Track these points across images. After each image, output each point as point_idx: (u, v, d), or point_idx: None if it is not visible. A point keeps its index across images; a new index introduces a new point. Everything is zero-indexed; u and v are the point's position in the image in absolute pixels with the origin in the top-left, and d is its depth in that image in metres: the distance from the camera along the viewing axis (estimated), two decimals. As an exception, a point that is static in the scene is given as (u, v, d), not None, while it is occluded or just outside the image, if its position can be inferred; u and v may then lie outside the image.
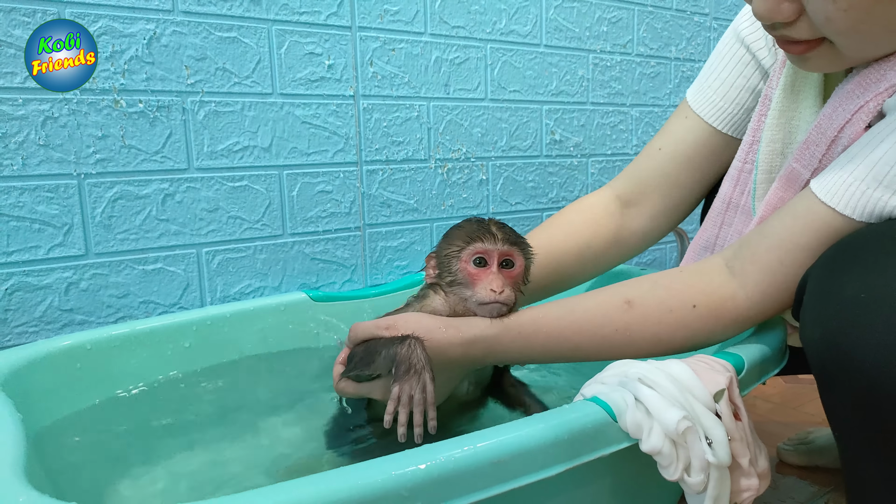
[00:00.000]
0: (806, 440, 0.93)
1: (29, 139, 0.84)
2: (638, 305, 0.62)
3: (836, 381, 0.51)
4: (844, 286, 0.49)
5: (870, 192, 0.53)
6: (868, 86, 0.58)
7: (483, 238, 0.66)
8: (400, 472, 0.43)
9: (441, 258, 0.68)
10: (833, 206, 0.55)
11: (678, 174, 0.80)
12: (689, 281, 0.63)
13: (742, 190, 0.74)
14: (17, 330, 0.86)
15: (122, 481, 0.63)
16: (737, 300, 0.61)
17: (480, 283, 0.65)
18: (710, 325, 0.62)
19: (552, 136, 1.34)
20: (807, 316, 0.54)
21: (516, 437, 0.48)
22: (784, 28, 0.57)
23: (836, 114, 0.60)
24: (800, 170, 0.64)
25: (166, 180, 0.94)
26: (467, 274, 0.66)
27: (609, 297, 0.64)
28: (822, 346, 0.51)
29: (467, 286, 0.66)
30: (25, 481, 0.45)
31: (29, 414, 0.60)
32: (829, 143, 0.61)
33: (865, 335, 0.46)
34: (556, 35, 1.31)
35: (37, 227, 0.86)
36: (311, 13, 1.02)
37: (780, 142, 0.69)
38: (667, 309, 0.62)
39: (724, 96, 0.77)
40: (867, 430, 0.49)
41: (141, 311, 0.94)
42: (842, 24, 0.53)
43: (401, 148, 1.14)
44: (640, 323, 0.62)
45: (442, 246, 0.69)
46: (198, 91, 0.95)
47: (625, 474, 0.56)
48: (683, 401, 0.52)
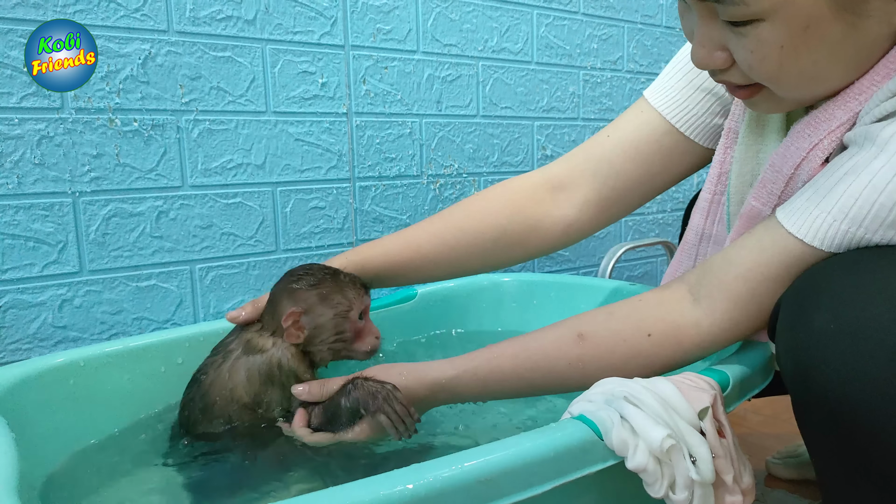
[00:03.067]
0: (795, 453, 0.94)
1: (24, 158, 0.85)
2: (590, 337, 0.62)
3: (810, 411, 0.51)
4: (813, 317, 0.50)
5: (837, 225, 0.53)
6: (818, 125, 0.59)
7: (360, 292, 0.71)
8: (388, 492, 0.44)
9: (318, 317, 0.69)
10: (801, 238, 0.55)
11: (622, 163, 0.77)
12: (647, 311, 0.63)
13: (713, 220, 0.74)
14: (10, 347, 0.86)
15: (114, 498, 0.64)
16: (700, 328, 0.61)
17: (365, 333, 0.72)
18: (668, 352, 0.62)
19: (543, 152, 1.35)
20: (780, 347, 0.55)
21: (503, 456, 0.48)
22: (722, 74, 0.59)
23: (790, 152, 0.61)
24: (759, 207, 0.64)
25: (160, 198, 0.95)
26: (355, 329, 0.71)
27: (562, 331, 0.64)
28: (796, 377, 0.52)
29: (352, 341, 0.71)
30: (17, 500, 0.46)
31: (22, 431, 0.60)
32: (787, 181, 0.61)
33: (835, 367, 0.47)
34: (547, 52, 1.33)
35: (31, 244, 0.87)
36: (304, 32, 1.04)
37: (748, 174, 0.70)
38: (620, 339, 0.62)
39: (686, 96, 0.75)
40: (842, 460, 0.50)
41: (134, 328, 0.95)
42: (762, 71, 0.55)
43: (393, 164, 1.15)
44: (593, 354, 0.62)
45: (315, 303, 0.69)
46: (192, 110, 0.96)
47: (611, 492, 0.57)
48: (668, 419, 0.53)
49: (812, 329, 0.49)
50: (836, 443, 0.49)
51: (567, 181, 0.79)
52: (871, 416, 0.45)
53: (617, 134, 0.78)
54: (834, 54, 0.54)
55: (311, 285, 0.69)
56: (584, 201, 0.79)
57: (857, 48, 0.54)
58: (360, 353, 0.71)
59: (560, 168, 0.80)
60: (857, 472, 0.49)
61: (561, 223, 0.79)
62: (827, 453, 0.52)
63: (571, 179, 0.79)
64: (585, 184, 0.79)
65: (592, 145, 0.80)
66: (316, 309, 0.69)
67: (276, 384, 0.69)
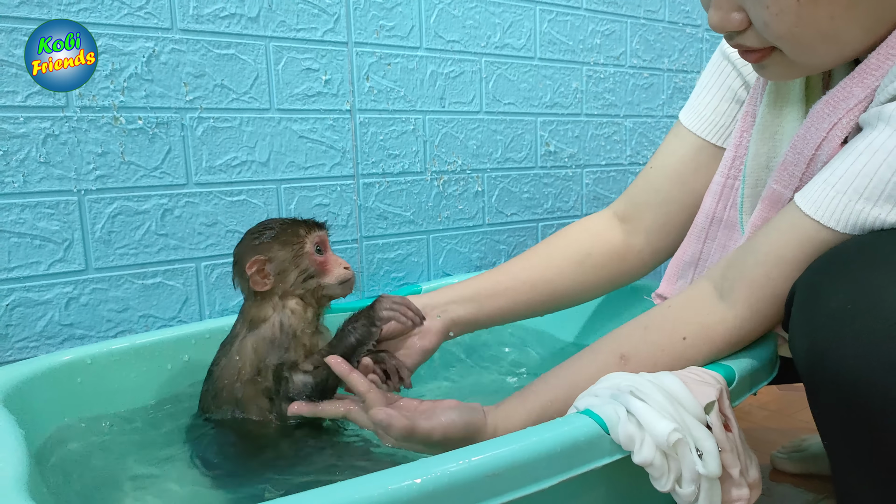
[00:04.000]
0: (800, 448, 0.94)
1: (30, 156, 0.85)
2: (633, 356, 0.63)
3: (823, 392, 0.52)
4: (830, 298, 0.50)
5: (852, 205, 0.54)
6: (837, 104, 0.59)
7: (312, 227, 0.73)
8: (396, 487, 0.44)
9: (280, 261, 0.71)
10: (817, 219, 0.56)
11: (668, 189, 0.81)
12: (677, 315, 0.65)
13: (725, 204, 0.75)
14: (18, 345, 0.87)
15: (123, 496, 0.64)
16: (727, 323, 0.62)
17: (331, 266, 0.73)
18: (703, 351, 0.63)
19: (547, 148, 1.35)
20: (794, 328, 0.55)
21: (511, 451, 0.48)
22: (738, 37, 0.60)
23: (810, 133, 0.62)
24: (781, 190, 0.65)
25: (165, 195, 0.95)
26: (317, 264, 0.72)
27: (604, 357, 0.65)
28: (809, 357, 0.52)
29: (320, 275, 0.73)
30: (28, 497, 0.46)
31: (30, 429, 0.61)
32: (808, 162, 0.62)
33: (850, 346, 0.47)
34: (550, 48, 1.33)
35: (37, 242, 0.87)
36: (307, 30, 1.04)
37: (764, 156, 0.70)
38: (659, 350, 0.63)
39: (714, 109, 0.79)
40: (854, 441, 0.50)
41: (140, 325, 0.95)
42: (777, 28, 0.56)
43: (397, 161, 1.15)
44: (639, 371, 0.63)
45: (274, 249, 0.71)
46: (196, 107, 0.96)
47: (617, 486, 0.57)
48: (674, 413, 0.53)
49: (828, 309, 0.50)
50: (848, 422, 0.50)
51: (629, 213, 0.85)
52: (886, 397, 0.45)
53: (658, 164, 0.83)
54: (852, 8, 0.54)
55: (264, 234, 0.72)
56: (647, 230, 0.84)
57: (874, 4, 0.54)
58: (334, 286, 0.73)
59: (621, 203, 0.87)
60: (869, 452, 0.49)
61: (634, 249, 0.85)
62: (839, 433, 0.52)
63: (632, 212, 0.85)
64: (643, 215, 0.84)
65: (641, 180, 0.85)
66: (273, 253, 0.71)
67: (277, 347, 0.71)
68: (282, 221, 0.74)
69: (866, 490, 0.51)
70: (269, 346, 0.71)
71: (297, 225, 0.73)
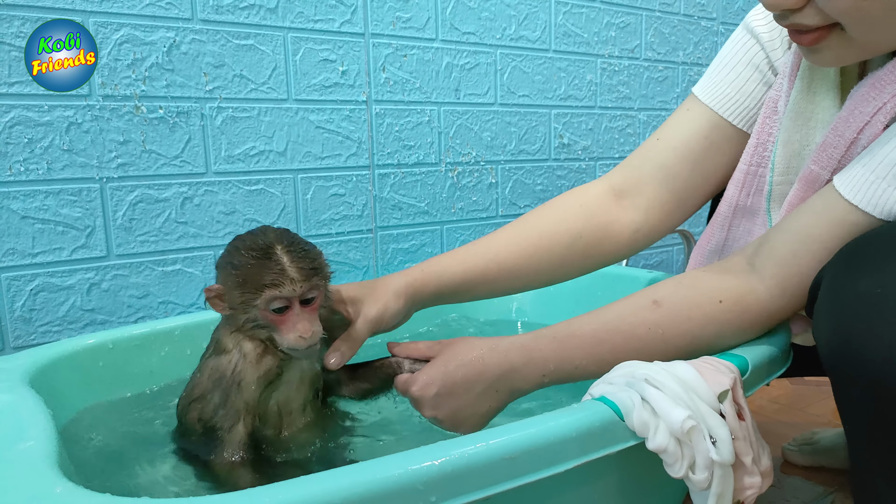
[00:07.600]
0: (811, 440, 0.94)
1: (54, 144, 0.87)
2: (666, 304, 0.63)
3: (847, 375, 0.51)
4: (859, 281, 0.50)
5: (890, 191, 0.53)
6: (883, 87, 0.58)
7: (279, 284, 0.60)
8: (416, 468, 0.45)
9: (233, 301, 0.62)
10: (854, 202, 0.55)
11: (674, 164, 0.76)
12: (714, 279, 0.64)
13: (749, 192, 0.74)
14: (41, 329, 0.89)
15: (143, 475, 0.66)
16: (758, 293, 0.62)
17: (287, 327, 0.62)
18: (737, 319, 0.62)
19: (560, 140, 1.35)
20: (821, 309, 0.54)
21: (527, 435, 0.49)
22: (793, 16, 0.57)
23: (853, 116, 0.60)
24: (819, 171, 0.64)
25: (185, 184, 0.96)
26: (270, 320, 0.62)
27: (637, 299, 0.65)
28: (835, 339, 0.51)
29: (273, 330, 0.62)
30: (60, 473, 0.47)
31: (55, 409, 0.62)
32: (848, 146, 0.61)
33: (878, 330, 0.47)
34: (565, 40, 1.33)
35: (60, 229, 0.89)
36: (325, 21, 1.04)
37: (797, 143, 0.69)
38: (695, 305, 0.63)
39: (737, 87, 0.74)
40: (876, 426, 0.50)
41: (160, 311, 0.97)
42: (842, 2, 0.53)
43: (412, 152, 1.16)
44: (671, 320, 0.62)
45: (229, 285, 0.62)
46: (216, 97, 0.97)
47: (631, 471, 0.58)
48: (688, 401, 0.53)
49: (857, 292, 0.49)
50: (870, 405, 0.49)
51: (628, 187, 0.79)
52: None
53: (667, 137, 0.78)
54: None
55: (235, 265, 0.62)
56: (647, 206, 0.78)
57: None
58: (287, 348, 0.62)
59: (620, 175, 0.80)
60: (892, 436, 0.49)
61: (629, 228, 0.79)
62: (861, 416, 0.52)
63: (632, 185, 0.79)
64: (645, 189, 0.78)
65: (645, 151, 0.80)
66: (231, 291, 0.62)
67: (219, 388, 0.64)
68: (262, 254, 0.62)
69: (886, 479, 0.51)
70: (216, 384, 0.64)
71: (267, 272, 0.60)
